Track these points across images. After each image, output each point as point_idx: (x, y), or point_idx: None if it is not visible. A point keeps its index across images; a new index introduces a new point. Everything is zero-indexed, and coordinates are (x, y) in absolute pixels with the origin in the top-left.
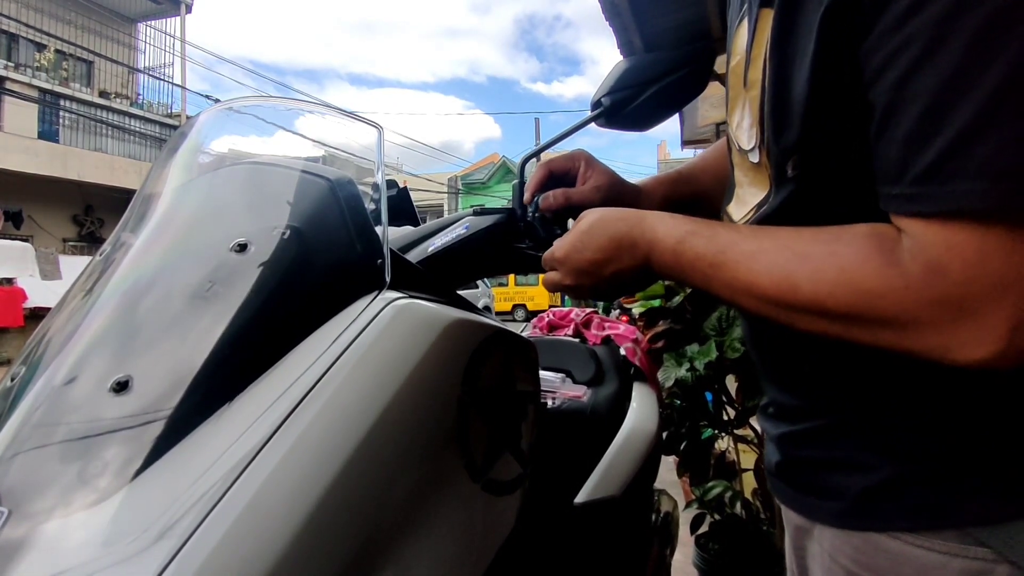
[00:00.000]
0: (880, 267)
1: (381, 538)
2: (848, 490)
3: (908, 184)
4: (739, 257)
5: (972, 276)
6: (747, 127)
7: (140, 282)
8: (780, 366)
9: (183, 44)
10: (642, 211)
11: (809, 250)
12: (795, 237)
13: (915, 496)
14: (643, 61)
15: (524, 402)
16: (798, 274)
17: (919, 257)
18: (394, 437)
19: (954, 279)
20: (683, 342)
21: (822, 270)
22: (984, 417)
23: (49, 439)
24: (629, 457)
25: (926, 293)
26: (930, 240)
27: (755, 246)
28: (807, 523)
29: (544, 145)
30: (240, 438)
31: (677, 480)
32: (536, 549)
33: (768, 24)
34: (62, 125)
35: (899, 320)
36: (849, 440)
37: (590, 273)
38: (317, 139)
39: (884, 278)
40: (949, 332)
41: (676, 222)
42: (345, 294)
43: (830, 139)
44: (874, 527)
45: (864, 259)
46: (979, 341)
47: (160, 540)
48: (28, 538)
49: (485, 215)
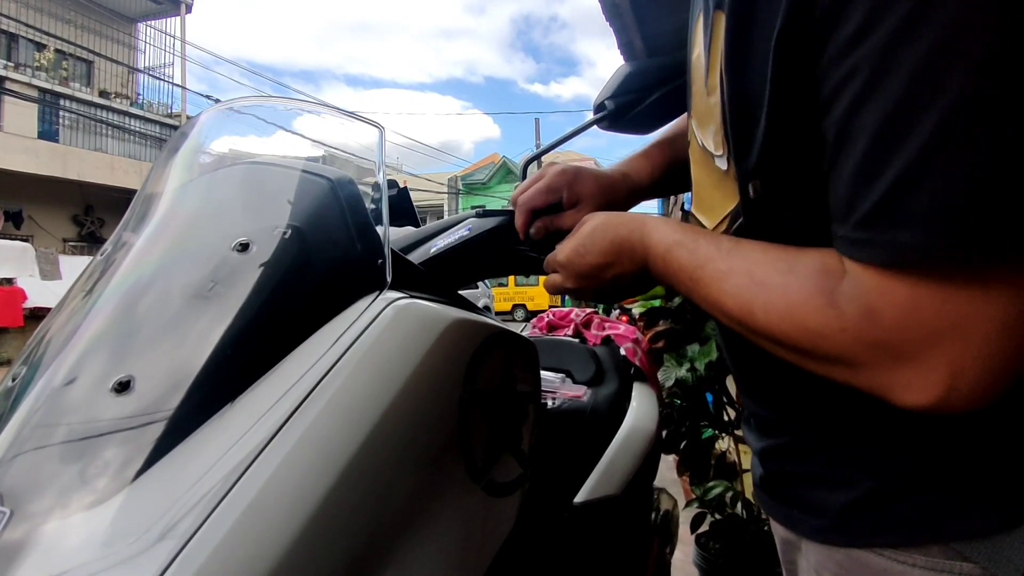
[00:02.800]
0: (821, 307)
1: (382, 539)
2: (830, 505)
3: (851, 227)
4: (713, 275)
5: (904, 324)
6: (712, 133)
7: (141, 282)
8: (754, 379)
9: (183, 44)
10: (642, 216)
11: (767, 279)
12: (758, 262)
13: (897, 511)
14: (647, 66)
15: (525, 402)
16: (755, 303)
17: (856, 300)
18: (395, 437)
19: (886, 325)
20: (683, 342)
21: (773, 302)
22: (963, 430)
23: (50, 439)
24: (629, 456)
25: (862, 336)
26: (866, 285)
27: (726, 266)
28: (794, 537)
29: (547, 147)
30: (242, 438)
31: (677, 479)
32: (536, 548)
33: (721, 31)
34: (62, 125)
35: (841, 360)
36: (824, 454)
37: (592, 277)
38: (318, 139)
39: (824, 318)
40: (888, 375)
41: (669, 229)
42: (346, 294)
43: (791, 166)
44: (857, 543)
45: (808, 296)
46: (918, 387)
47: (161, 541)
48: (29, 539)
49: (488, 217)
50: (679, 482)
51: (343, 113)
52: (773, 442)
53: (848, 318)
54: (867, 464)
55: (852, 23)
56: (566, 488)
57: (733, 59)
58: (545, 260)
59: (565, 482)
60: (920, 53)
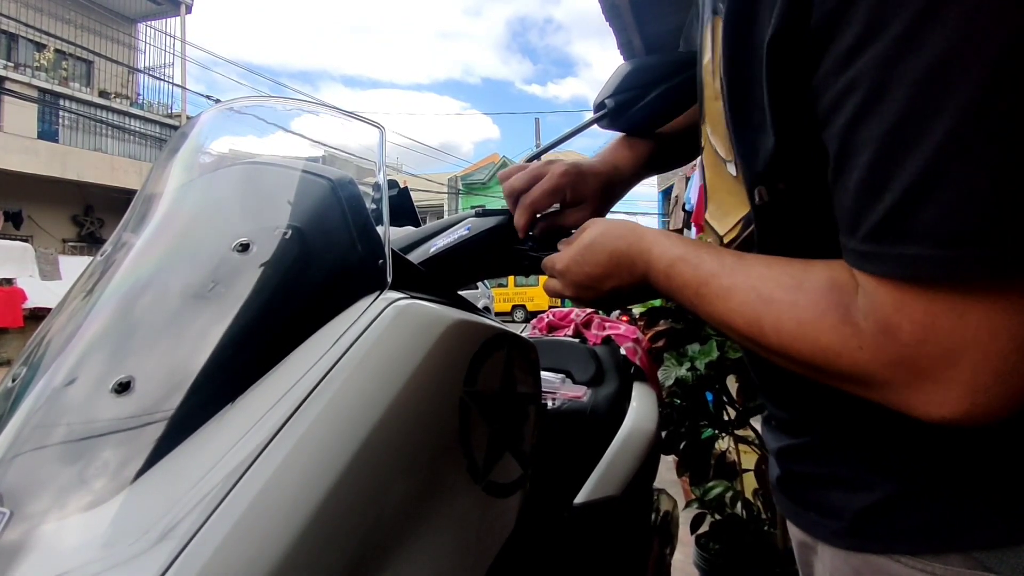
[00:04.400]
0: (836, 324)
1: (382, 540)
2: (846, 509)
3: (860, 240)
4: (717, 292)
5: (923, 339)
6: (722, 138)
7: (141, 282)
8: (771, 380)
9: (183, 44)
10: (641, 229)
11: (773, 295)
12: (763, 277)
13: (916, 517)
14: (648, 63)
15: (525, 403)
16: (764, 320)
17: (871, 316)
18: (396, 438)
19: (905, 340)
20: (684, 342)
21: (783, 320)
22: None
23: (50, 440)
24: (629, 457)
25: (880, 354)
26: (881, 300)
27: (730, 283)
28: (810, 540)
29: (547, 147)
30: (242, 439)
31: (677, 480)
32: (536, 549)
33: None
34: (62, 125)
35: (858, 377)
36: (842, 456)
37: (589, 287)
38: (318, 139)
39: (840, 336)
40: (908, 392)
41: (670, 244)
42: (347, 294)
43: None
44: (874, 549)
45: (821, 314)
46: (940, 402)
47: (162, 542)
48: (29, 539)
49: (487, 216)
50: (679, 482)
51: (343, 113)
52: (791, 442)
53: (865, 335)
54: (886, 467)
55: (851, 33)
56: (566, 489)
57: (730, 65)
58: (543, 262)
59: (565, 483)
60: (924, 64)
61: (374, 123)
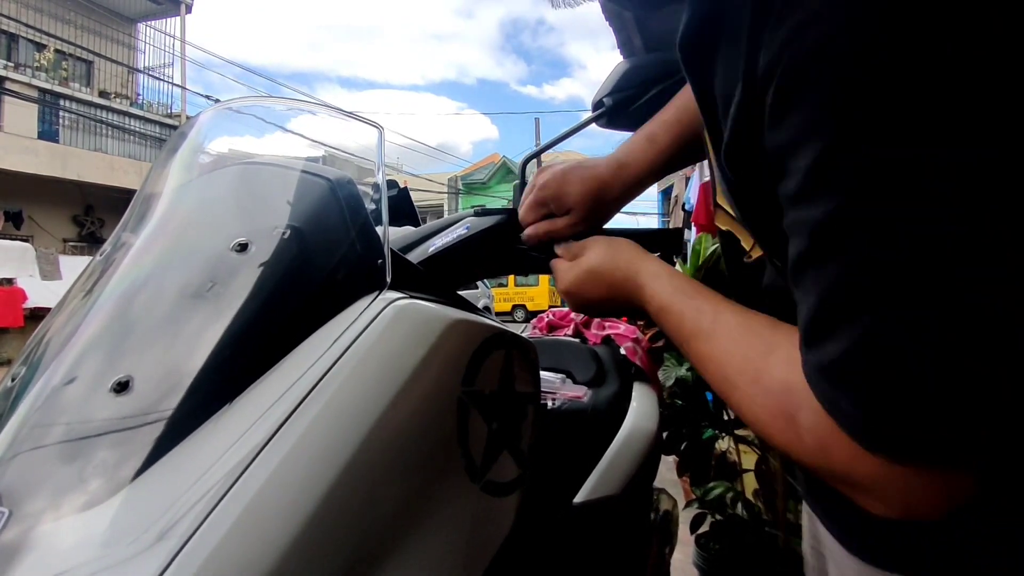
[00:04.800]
0: (784, 429)
1: (381, 538)
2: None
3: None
4: (695, 355)
5: (853, 467)
6: None
7: (140, 282)
8: None
9: (183, 44)
10: (637, 261)
11: (736, 382)
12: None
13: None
14: (646, 61)
15: (524, 403)
16: (730, 399)
17: (812, 432)
18: (395, 437)
19: (839, 461)
20: None
21: (743, 408)
22: None
23: (49, 439)
24: (629, 456)
25: (820, 465)
26: (820, 423)
27: (706, 350)
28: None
29: (545, 146)
30: (241, 439)
31: (677, 480)
32: (536, 548)
33: None
34: (62, 125)
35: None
36: None
37: (593, 309)
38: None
39: (787, 439)
40: (852, 493)
41: (659, 286)
42: (346, 294)
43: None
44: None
45: (772, 417)
46: (878, 508)
47: (160, 541)
48: (28, 539)
49: (486, 215)
50: (679, 482)
51: (343, 113)
52: None
53: (806, 447)
54: None
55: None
56: (566, 488)
57: None
58: (552, 265)
59: (565, 482)
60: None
61: (373, 123)
